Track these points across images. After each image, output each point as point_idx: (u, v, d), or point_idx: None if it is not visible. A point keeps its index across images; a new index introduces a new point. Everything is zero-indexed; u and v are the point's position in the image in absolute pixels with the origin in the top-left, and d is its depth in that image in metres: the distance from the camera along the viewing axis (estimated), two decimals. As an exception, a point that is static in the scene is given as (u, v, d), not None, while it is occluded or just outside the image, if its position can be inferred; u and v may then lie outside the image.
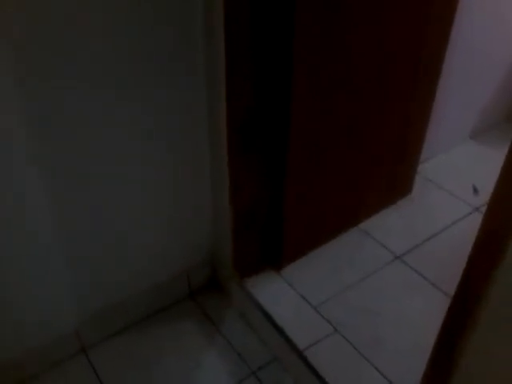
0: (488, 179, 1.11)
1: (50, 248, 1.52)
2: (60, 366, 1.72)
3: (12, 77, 1.22)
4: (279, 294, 1.83)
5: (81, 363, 1.73)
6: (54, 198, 1.44)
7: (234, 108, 1.49)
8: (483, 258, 0.88)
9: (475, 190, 2.28)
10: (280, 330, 1.70)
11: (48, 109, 1.31)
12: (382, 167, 2.02)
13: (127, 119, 1.46)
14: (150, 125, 1.52)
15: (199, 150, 1.67)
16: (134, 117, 1.47)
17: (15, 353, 1.61)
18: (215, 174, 1.71)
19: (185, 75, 1.49)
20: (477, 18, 2.09)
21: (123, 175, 1.55)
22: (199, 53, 1.48)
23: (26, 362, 1.65)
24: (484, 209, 0.89)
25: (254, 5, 1.34)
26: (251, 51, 1.41)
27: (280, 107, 1.55)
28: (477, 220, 0.92)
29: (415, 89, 1.90)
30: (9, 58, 1.19)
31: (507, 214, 0.80)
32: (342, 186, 1.91)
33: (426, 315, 1.71)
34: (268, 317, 1.74)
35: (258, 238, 1.82)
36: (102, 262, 1.66)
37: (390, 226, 2.12)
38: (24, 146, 1.31)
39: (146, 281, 1.80)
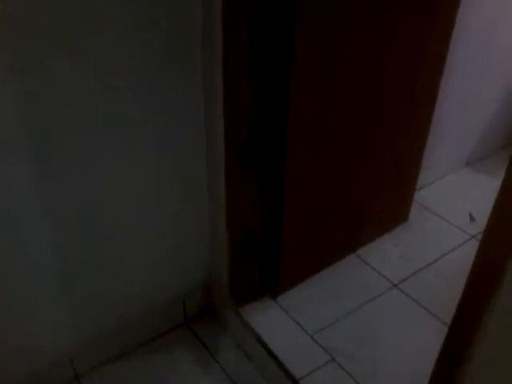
0: (484, 206, 1.10)
1: (45, 274, 1.51)
2: (52, 394, 1.69)
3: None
4: (275, 321, 1.81)
5: (73, 391, 1.71)
6: (51, 224, 1.44)
7: (233, 131, 1.50)
8: (479, 286, 0.87)
9: (472, 218, 2.28)
10: (276, 359, 1.68)
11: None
12: (378, 194, 2.02)
13: (125, 134, 1.47)
14: (149, 147, 1.52)
15: (197, 174, 1.67)
16: (131, 139, 1.48)
17: (5, 379, 1.59)
18: (213, 199, 1.71)
19: (183, 93, 1.51)
20: (472, 47, 2.12)
21: (121, 199, 1.55)
22: (197, 73, 1.50)
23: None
24: (480, 236, 0.89)
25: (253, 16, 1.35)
26: (250, 68, 1.42)
27: (277, 135, 1.56)
28: (473, 248, 0.92)
29: (412, 116, 1.92)
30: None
31: (502, 243, 0.80)
32: (340, 212, 1.91)
33: (423, 343, 1.69)
34: (264, 345, 1.72)
35: (254, 264, 1.81)
36: (98, 288, 1.64)
37: (386, 253, 2.11)
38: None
39: (141, 307, 1.79)
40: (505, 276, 0.81)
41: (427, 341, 1.60)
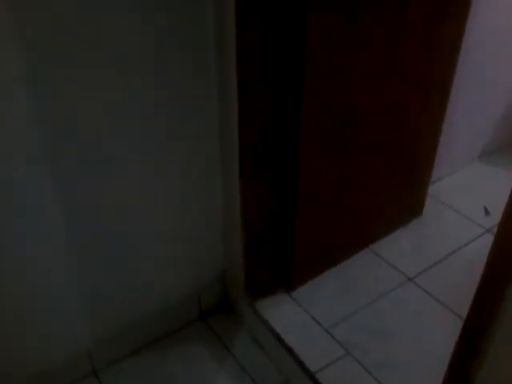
0: (499, 200, 1.10)
1: (62, 270, 1.53)
2: (71, 388, 1.71)
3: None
4: (290, 315, 1.82)
5: (92, 385, 1.73)
6: (68, 221, 1.46)
7: (247, 130, 1.51)
8: (495, 278, 0.87)
9: (486, 212, 2.27)
10: (291, 352, 1.69)
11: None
12: (393, 189, 2.02)
13: (139, 132, 1.48)
14: (163, 143, 1.54)
15: (211, 170, 1.68)
16: (145, 129, 1.49)
17: (24, 374, 1.61)
18: (227, 195, 1.72)
19: (198, 98, 1.52)
20: (484, 42, 2.11)
21: (136, 196, 1.56)
22: (212, 77, 1.51)
23: (36, 384, 1.65)
24: (495, 230, 0.89)
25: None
26: (263, 74, 1.43)
27: (292, 127, 1.56)
28: (489, 241, 0.92)
29: (425, 111, 1.91)
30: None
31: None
32: (354, 207, 1.91)
33: (439, 337, 1.69)
34: (279, 339, 1.74)
35: (269, 259, 1.82)
36: (114, 284, 1.66)
37: (401, 247, 2.11)
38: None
39: (157, 302, 1.80)
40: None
41: (442, 334, 1.60)
